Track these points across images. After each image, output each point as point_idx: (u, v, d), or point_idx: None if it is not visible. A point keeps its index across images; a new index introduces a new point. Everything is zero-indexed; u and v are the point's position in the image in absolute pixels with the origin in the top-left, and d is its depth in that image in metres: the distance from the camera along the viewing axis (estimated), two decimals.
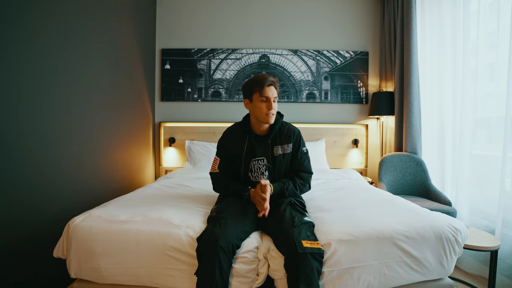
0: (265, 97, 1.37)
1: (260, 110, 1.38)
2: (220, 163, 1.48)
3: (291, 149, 1.46)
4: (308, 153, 1.52)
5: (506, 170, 1.73)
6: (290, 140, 1.46)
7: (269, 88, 1.37)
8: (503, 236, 1.73)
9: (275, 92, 1.39)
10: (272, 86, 1.39)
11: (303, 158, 1.49)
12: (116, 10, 2.19)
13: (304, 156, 1.49)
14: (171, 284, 1.16)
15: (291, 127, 1.51)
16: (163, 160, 2.96)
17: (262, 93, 1.36)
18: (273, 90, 1.39)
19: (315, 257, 1.06)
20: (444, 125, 2.29)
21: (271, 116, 1.38)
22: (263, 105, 1.37)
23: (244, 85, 1.44)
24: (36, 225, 1.45)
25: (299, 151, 1.48)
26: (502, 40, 1.84)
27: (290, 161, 1.48)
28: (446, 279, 1.25)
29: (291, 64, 3.00)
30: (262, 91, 1.36)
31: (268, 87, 1.37)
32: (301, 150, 1.48)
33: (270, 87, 1.38)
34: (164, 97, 2.98)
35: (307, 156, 1.51)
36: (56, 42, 1.57)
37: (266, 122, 1.40)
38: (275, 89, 1.41)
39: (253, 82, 1.39)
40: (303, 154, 1.49)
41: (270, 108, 1.36)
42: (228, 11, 2.98)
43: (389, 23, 2.83)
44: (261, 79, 1.38)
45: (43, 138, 1.49)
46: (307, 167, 1.50)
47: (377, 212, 1.37)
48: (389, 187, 2.44)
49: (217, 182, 1.49)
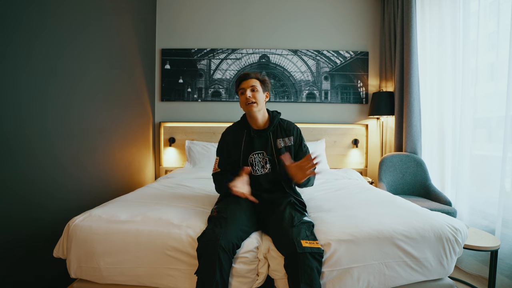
0: (241, 89, 1.44)
1: (241, 102, 1.45)
2: (219, 161, 1.50)
3: (292, 142, 1.49)
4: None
5: (506, 170, 1.72)
6: (290, 134, 1.51)
7: (244, 82, 1.44)
8: (503, 236, 1.73)
9: (251, 82, 1.43)
10: (250, 79, 1.44)
11: (307, 151, 1.53)
12: (116, 10, 2.19)
13: (307, 150, 1.53)
14: (171, 284, 1.16)
15: (290, 123, 1.56)
16: (163, 160, 2.96)
17: (239, 87, 1.46)
18: (250, 81, 1.44)
19: (314, 256, 1.06)
20: (444, 125, 2.29)
21: (253, 104, 1.41)
22: (242, 97, 1.44)
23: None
24: (36, 225, 1.45)
25: (301, 145, 1.52)
26: (502, 40, 1.84)
27: (295, 155, 1.50)
28: (446, 279, 1.25)
29: (291, 64, 3.00)
30: (239, 85, 1.46)
31: (244, 81, 1.44)
32: (303, 144, 1.53)
33: (246, 80, 1.44)
34: (164, 97, 2.98)
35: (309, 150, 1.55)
36: (56, 43, 1.57)
37: (249, 112, 1.44)
38: (256, 80, 1.45)
39: (235, 82, 1.49)
40: (307, 149, 1.54)
41: (246, 97, 1.41)
42: (228, 11, 2.98)
43: (389, 23, 2.83)
44: (239, 77, 1.47)
45: (43, 138, 1.49)
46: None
47: (377, 212, 1.37)
48: (389, 187, 2.44)
49: (217, 181, 1.48)
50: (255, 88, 1.42)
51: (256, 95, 1.42)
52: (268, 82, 1.49)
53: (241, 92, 1.44)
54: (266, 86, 1.48)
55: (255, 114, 1.44)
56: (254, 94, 1.42)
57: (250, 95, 1.41)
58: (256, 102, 1.41)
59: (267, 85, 1.49)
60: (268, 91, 1.51)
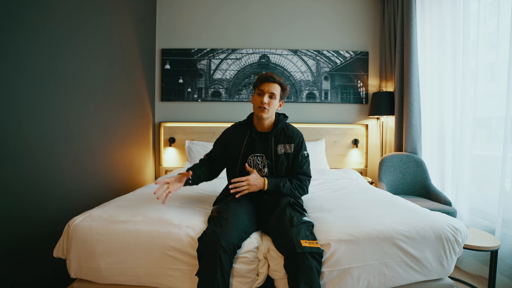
0: (260, 91, 1.41)
1: (255, 102, 1.43)
2: (211, 150, 1.54)
3: (292, 150, 1.47)
4: (308, 157, 1.52)
5: (506, 170, 1.72)
6: (292, 141, 1.47)
7: (267, 84, 1.41)
8: (503, 236, 1.73)
9: (273, 88, 1.41)
10: (273, 84, 1.41)
11: (303, 161, 1.49)
12: (116, 10, 2.19)
13: (304, 159, 1.50)
14: (171, 284, 1.16)
15: (295, 130, 1.53)
16: (163, 160, 2.96)
17: (259, 86, 1.42)
18: (272, 86, 1.41)
19: (314, 256, 1.06)
20: (444, 125, 2.29)
21: (264, 110, 1.39)
22: (258, 98, 1.42)
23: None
24: (36, 225, 1.45)
25: (300, 153, 1.48)
26: (502, 40, 1.84)
27: (291, 163, 1.48)
28: (446, 279, 1.25)
29: (291, 64, 3.00)
30: (260, 85, 1.42)
31: (266, 83, 1.41)
32: (302, 153, 1.49)
33: (269, 83, 1.41)
34: (164, 97, 2.98)
35: (308, 160, 1.51)
36: (56, 43, 1.57)
37: (258, 115, 1.42)
38: (277, 86, 1.42)
39: (257, 78, 1.46)
40: (304, 158, 1.49)
41: (262, 101, 1.39)
42: (228, 11, 2.98)
43: (389, 23, 2.83)
44: (263, 75, 1.43)
45: (43, 138, 1.49)
46: (306, 170, 1.50)
47: (377, 212, 1.37)
48: (389, 187, 2.44)
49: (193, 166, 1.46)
50: (273, 96, 1.41)
51: (271, 103, 1.41)
52: (288, 91, 1.48)
53: (259, 93, 1.42)
54: (284, 94, 1.47)
55: (264, 119, 1.44)
56: (271, 101, 1.40)
57: (266, 101, 1.39)
58: (268, 109, 1.40)
59: (286, 93, 1.47)
60: (284, 99, 1.50)
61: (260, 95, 1.41)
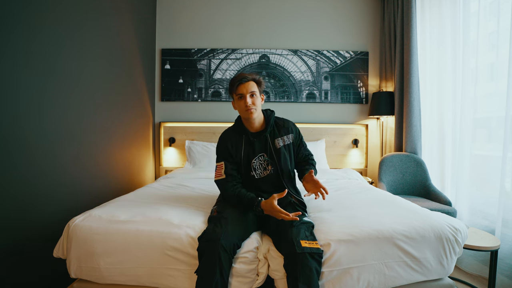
0: (239, 95, 1.38)
1: (240, 108, 1.40)
2: (226, 167, 1.40)
3: (291, 140, 1.47)
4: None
5: (506, 170, 1.72)
6: (289, 132, 1.48)
7: (242, 85, 1.37)
8: (503, 236, 1.73)
9: (251, 87, 1.38)
10: (248, 82, 1.38)
11: (305, 144, 1.56)
12: (116, 10, 2.19)
13: (304, 143, 1.56)
14: (171, 284, 1.16)
15: (286, 120, 1.53)
16: (163, 160, 2.96)
17: (237, 91, 1.39)
18: (249, 86, 1.37)
19: (313, 257, 1.06)
20: (444, 125, 2.29)
21: (252, 111, 1.37)
22: (241, 102, 1.38)
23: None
24: (36, 225, 1.45)
25: (302, 142, 1.53)
26: (502, 40, 1.84)
27: (296, 152, 1.50)
28: (446, 279, 1.25)
29: (291, 64, 3.00)
30: (236, 89, 1.39)
31: (241, 85, 1.37)
32: (303, 141, 1.55)
33: (243, 84, 1.37)
34: (164, 97, 2.98)
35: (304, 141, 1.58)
36: (55, 42, 1.57)
37: (248, 118, 1.40)
38: (253, 83, 1.39)
39: (230, 84, 1.42)
40: (303, 141, 1.56)
41: (246, 103, 1.35)
42: (228, 11, 2.98)
43: (389, 23, 2.82)
44: (234, 79, 1.40)
45: (43, 138, 1.49)
46: (309, 150, 1.57)
47: (377, 212, 1.37)
48: (389, 187, 2.44)
49: (226, 191, 1.36)
50: (254, 94, 1.38)
51: (255, 101, 1.38)
52: (263, 84, 1.46)
53: (239, 97, 1.38)
54: (261, 87, 1.45)
55: (253, 119, 1.41)
56: (254, 100, 1.38)
57: (250, 102, 1.36)
58: (255, 109, 1.38)
59: (263, 86, 1.46)
60: (262, 92, 1.47)
61: (241, 98, 1.37)
